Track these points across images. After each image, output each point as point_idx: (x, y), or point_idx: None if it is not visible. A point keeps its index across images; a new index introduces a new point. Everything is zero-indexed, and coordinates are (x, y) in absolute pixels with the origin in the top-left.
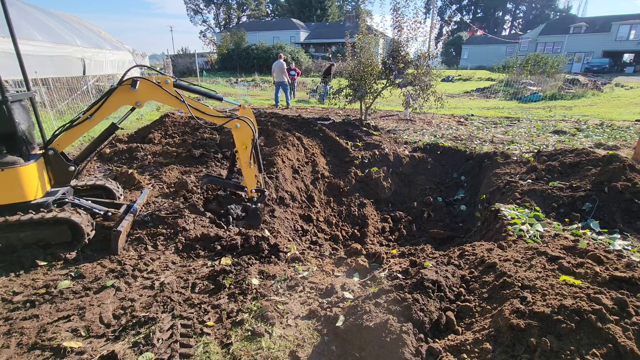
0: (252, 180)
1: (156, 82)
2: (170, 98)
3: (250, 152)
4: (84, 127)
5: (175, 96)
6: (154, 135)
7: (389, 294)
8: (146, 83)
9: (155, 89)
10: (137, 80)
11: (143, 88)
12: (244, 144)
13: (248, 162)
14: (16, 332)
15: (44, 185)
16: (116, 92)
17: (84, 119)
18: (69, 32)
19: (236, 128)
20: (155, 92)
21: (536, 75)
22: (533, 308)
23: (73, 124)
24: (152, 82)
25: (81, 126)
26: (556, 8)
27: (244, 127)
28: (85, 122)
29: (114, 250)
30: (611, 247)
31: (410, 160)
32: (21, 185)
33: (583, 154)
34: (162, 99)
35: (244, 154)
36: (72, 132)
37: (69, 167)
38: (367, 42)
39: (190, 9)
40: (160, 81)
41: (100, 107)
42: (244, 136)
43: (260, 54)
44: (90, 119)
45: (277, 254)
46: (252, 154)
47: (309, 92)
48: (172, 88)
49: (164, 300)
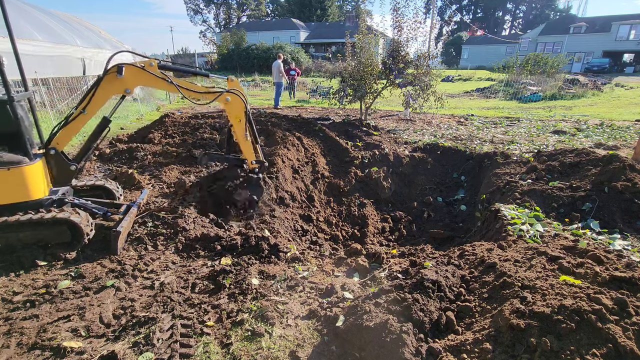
0: (251, 152)
1: (141, 67)
2: (157, 80)
3: (245, 124)
4: (79, 122)
5: (162, 78)
6: (154, 135)
7: (389, 294)
8: (131, 68)
9: (141, 73)
10: (122, 66)
11: (129, 74)
12: (238, 117)
13: (244, 134)
14: (16, 332)
15: (49, 184)
16: (103, 81)
17: (78, 114)
18: (69, 32)
19: (227, 102)
20: (141, 76)
21: (536, 75)
22: (533, 308)
23: (68, 120)
24: (138, 67)
25: (76, 121)
26: (556, 8)
27: (235, 100)
28: (79, 117)
29: (113, 250)
30: (611, 247)
31: (410, 160)
32: (27, 184)
33: (583, 154)
34: (149, 82)
35: (239, 127)
36: (69, 128)
37: (70, 166)
38: (367, 42)
39: (190, 9)
40: (144, 65)
41: (91, 100)
42: (236, 109)
43: (260, 54)
44: (84, 114)
45: (277, 254)
46: (246, 126)
47: (309, 92)
48: (157, 70)
49: (164, 300)
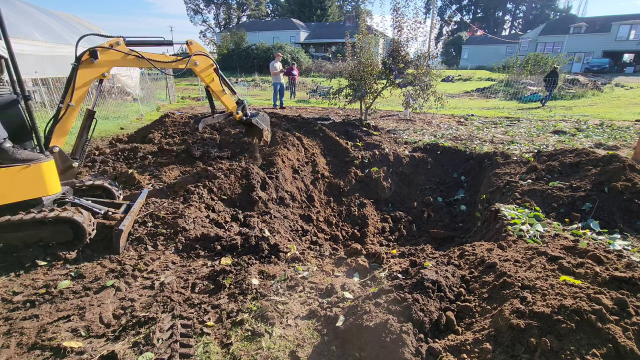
0: (232, 103)
1: (109, 47)
2: (129, 59)
3: (219, 80)
4: (70, 115)
5: (132, 55)
6: (154, 135)
7: (389, 294)
8: (104, 50)
9: (113, 53)
10: (95, 50)
11: (103, 56)
12: (210, 76)
13: (221, 89)
14: (16, 332)
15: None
16: (80, 69)
17: (65, 107)
18: (69, 32)
19: (196, 65)
20: (115, 56)
21: (536, 75)
22: (533, 308)
23: (57, 117)
24: (107, 47)
25: (67, 116)
26: (556, 8)
27: (202, 60)
28: (68, 111)
29: (115, 249)
30: (611, 247)
31: (410, 160)
32: (44, 180)
33: (583, 154)
34: (123, 62)
35: (214, 85)
36: (62, 124)
37: (73, 163)
38: (367, 42)
39: (190, 9)
40: (112, 44)
41: (73, 91)
42: (206, 69)
43: (260, 54)
44: (72, 106)
45: (277, 254)
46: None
47: (309, 92)
48: (125, 47)
49: (164, 300)
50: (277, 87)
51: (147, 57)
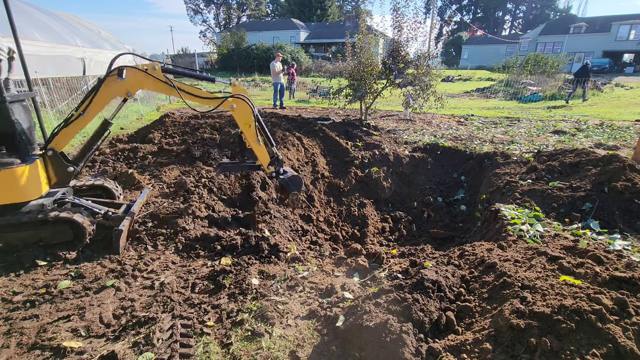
0: (266, 155)
1: (143, 69)
2: (159, 84)
3: (255, 129)
4: (79, 123)
5: (165, 82)
6: (154, 135)
7: (389, 294)
8: (133, 71)
9: (143, 76)
10: (123, 69)
11: (131, 77)
12: (247, 123)
13: (256, 139)
14: (16, 332)
15: (43, 185)
16: (104, 84)
17: (77, 115)
18: (69, 32)
19: (233, 109)
20: (144, 79)
21: (536, 75)
22: (533, 308)
23: (68, 122)
24: (140, 69)
25: (75, 123)
26: (556, 8)
27: (241, 105)
28: (79, 119)
29: (115, 249)
30: (611, 247)
31: (410, 160)
32: (18, 185)
33: (583, 154)
34: (151, 86)
35: (249, 133)
36: (68, 130)
37: (68, 168)
38: (367, 42)
39: (190, 9)
40: (147, 68)
41: (91, 102)
42: (244, 115)
43: (260, 54)
44: (83, 115)
45: (277, 254)
46: (257, 130)
47: (309, 92)
48: (160, 74)
49: (164, 300)
50: (278, 87)
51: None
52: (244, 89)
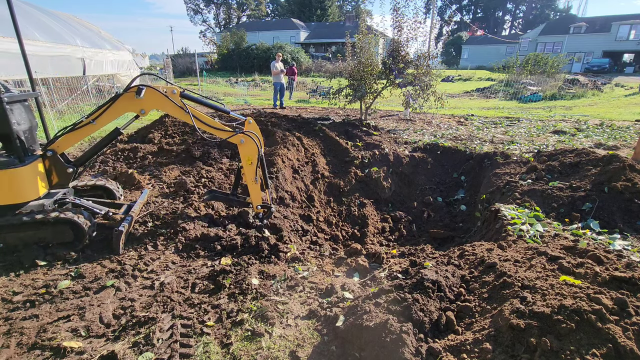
0: (258, 196)
1: (163, 92)
2: (175, 108)
3: (255, 168)
4: (86, 131)
5: (181, 107)
6: (154, 135)
7: (389, 294)
8: (152, 92)
9: (161, 98)
10: (142, 88)
11: (149, 97)
12: (249, 160)
13: (254, 178)
14: (16, 332)
15: (40, 186)
16: (121, 98)
17: (87, 122)
18: (69, 32)
19: (241, 144)
20: (160, 101)
21: (536, 75)
22: (533, 308)
23: (75, 127)
24: (159, 91)
25: (82, 130)
26: (556, 8)
27: (249, 142)
28: (87, 126)
29: (115, 250)
30: (611, 247)
31: (410, 160)
32: (14, 186)
33: (583, 154)
34: (166, 108)
35: (249, 170)
36: (73, 135)
37: (67, 169)
38: (367, 42)
39: (190, 9)
40: (167, 91)
41: (103, 113)
42: (249, 152)
43: (260, 54)
44: (93, 124)
45: (277, 254)
46: (257, 170)
47: (309, 92)
48: (178, 99)
49: (164, 300)
50: (278, 87)
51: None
52: (256, 126)
